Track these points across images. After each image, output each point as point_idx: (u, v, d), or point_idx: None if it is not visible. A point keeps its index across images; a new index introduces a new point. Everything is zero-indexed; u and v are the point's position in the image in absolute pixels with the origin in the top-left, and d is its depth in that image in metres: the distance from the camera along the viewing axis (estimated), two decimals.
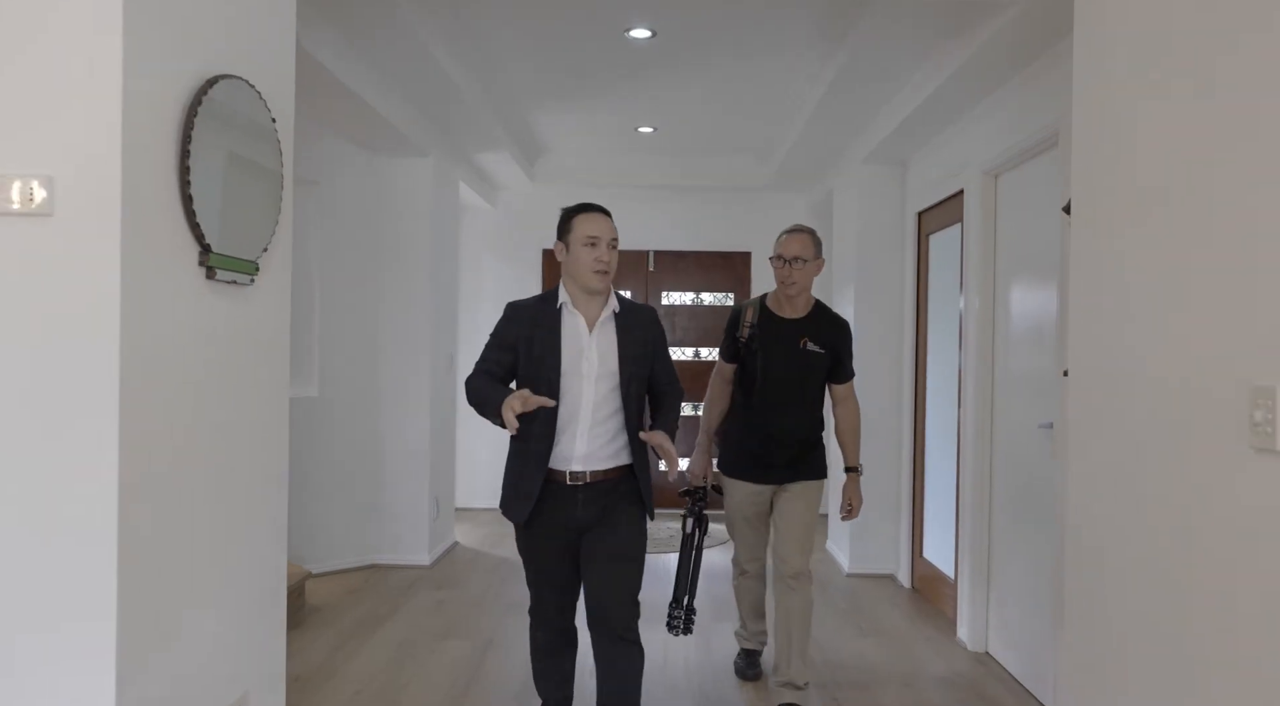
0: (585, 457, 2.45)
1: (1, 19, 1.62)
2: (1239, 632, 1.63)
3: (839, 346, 3.17)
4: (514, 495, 2.48)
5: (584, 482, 2.45)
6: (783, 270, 3.09)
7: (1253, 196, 1.63)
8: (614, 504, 2.49)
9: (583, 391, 2.44)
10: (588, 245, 2.45)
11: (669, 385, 2.62)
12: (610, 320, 2.52)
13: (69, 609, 1.62)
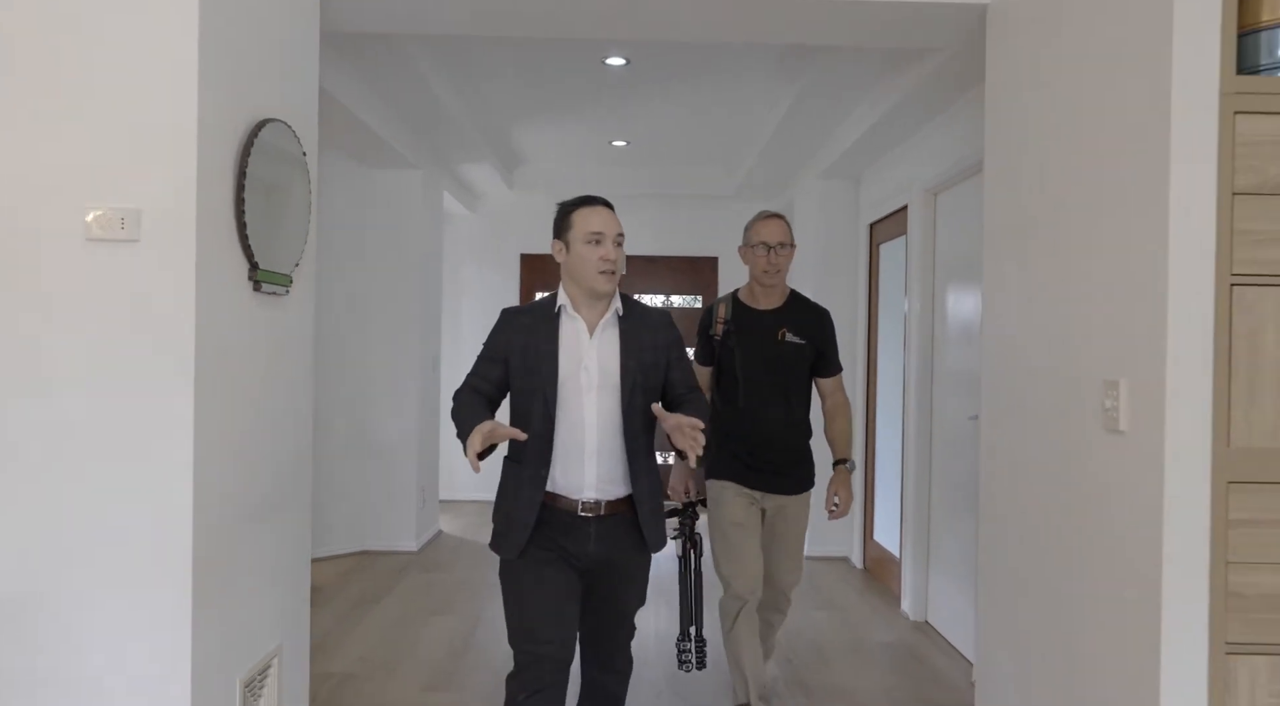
0: (598, 484, 2.10)
1: (101, 81, 1.96)
2: (1097, 573, 2.07)
3: (821, 337, 2.94)
4: (507, 525, 2.13)
5: (598, 514, 2.10)
6: (766, 258, 2.86)
7: (1099, 231, 2.07)
8: (628, 547, 2.16)
9: (584, 406, 2.09)
10: (591, 242, 2.11)
11: (689, 391, 2.24)
12: (613, 324, 2.16)
13: (155, 571, 1.97)
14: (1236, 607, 1.80)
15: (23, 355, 1.96)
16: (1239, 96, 1.79)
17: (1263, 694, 1.80)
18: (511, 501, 2.14)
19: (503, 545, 2.15)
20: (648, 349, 2.17)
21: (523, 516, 2.10)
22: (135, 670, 1.97)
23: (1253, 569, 1.80)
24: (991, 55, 2.75)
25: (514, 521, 2.11)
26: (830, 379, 3.01)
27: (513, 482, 2.15)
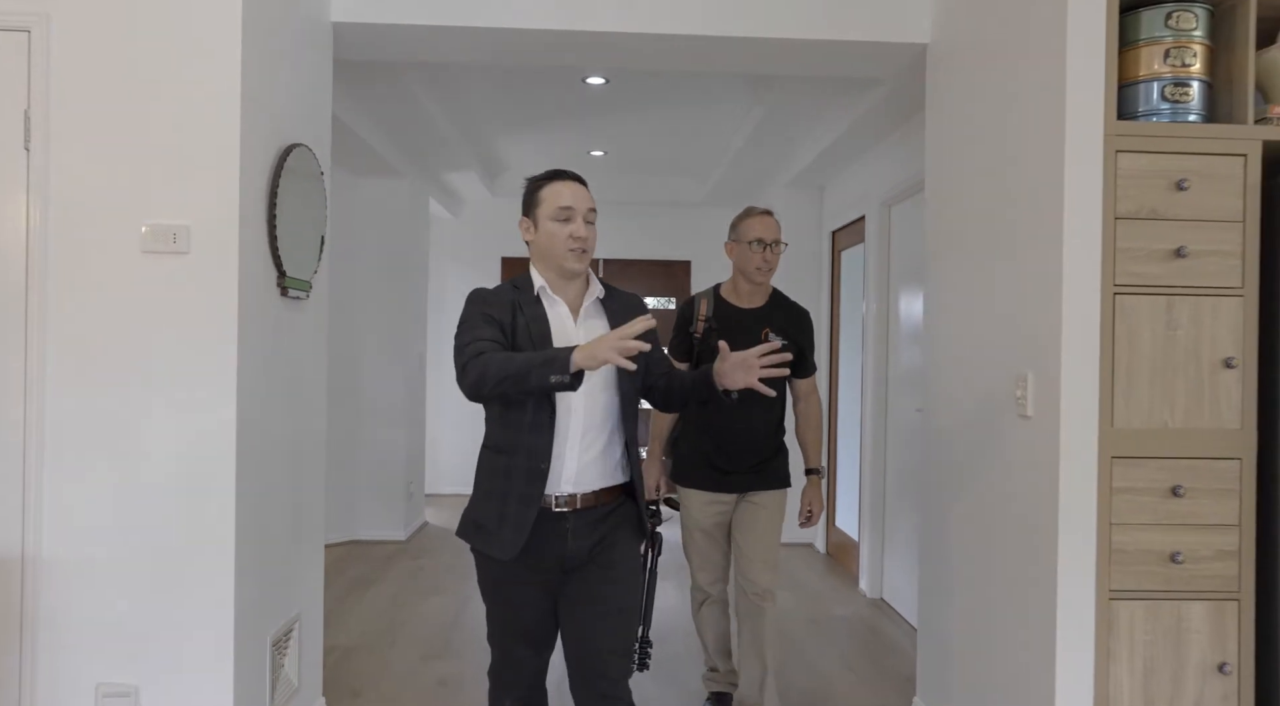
0: (576, 477, 1.97)
1: (155, 112, 2.26)
2: (1010, 536, 2.44)
3: (802, 337, 2.91)
4: (496, 522, 1.95)
5: (574, 509, 1.97)
6: (761, 255, 2.83)
7: (1011, 247, 2.44)
8: (609, 536, 2.02)
9: (570, 395, 1.94)
10: (560, 220, 1.97)
11: (669, 371, 2.16)
12: (596, 307, 2.06)
13: (203, 541, 2.27)
14: (1118, 561, 2.17)
15: (87, 353, 2.25)
16: (1120, 137, 2.16)
17: (1139, 632, 2.17)
18: (500, 499, 1.95)
19: (491, 543, 1.96)
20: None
21: (519, 514, 1.93)
22: (187, 625, 2.27)
23: (1131, 529, 2.17)
24: (930, 88, 3.12)
25: (508, 519, 1.94)
26: (806, 379, 2.99)
27: (499, 478, 1.96)
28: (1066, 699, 2.17)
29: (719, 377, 1.99)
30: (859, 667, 3.63)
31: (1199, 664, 2.16)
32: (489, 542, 1.97)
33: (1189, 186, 2.15)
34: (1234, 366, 2.16)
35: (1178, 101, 2.17)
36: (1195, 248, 2.16)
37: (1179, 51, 2.17)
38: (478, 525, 2.00)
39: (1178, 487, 2.16)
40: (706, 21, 3.05)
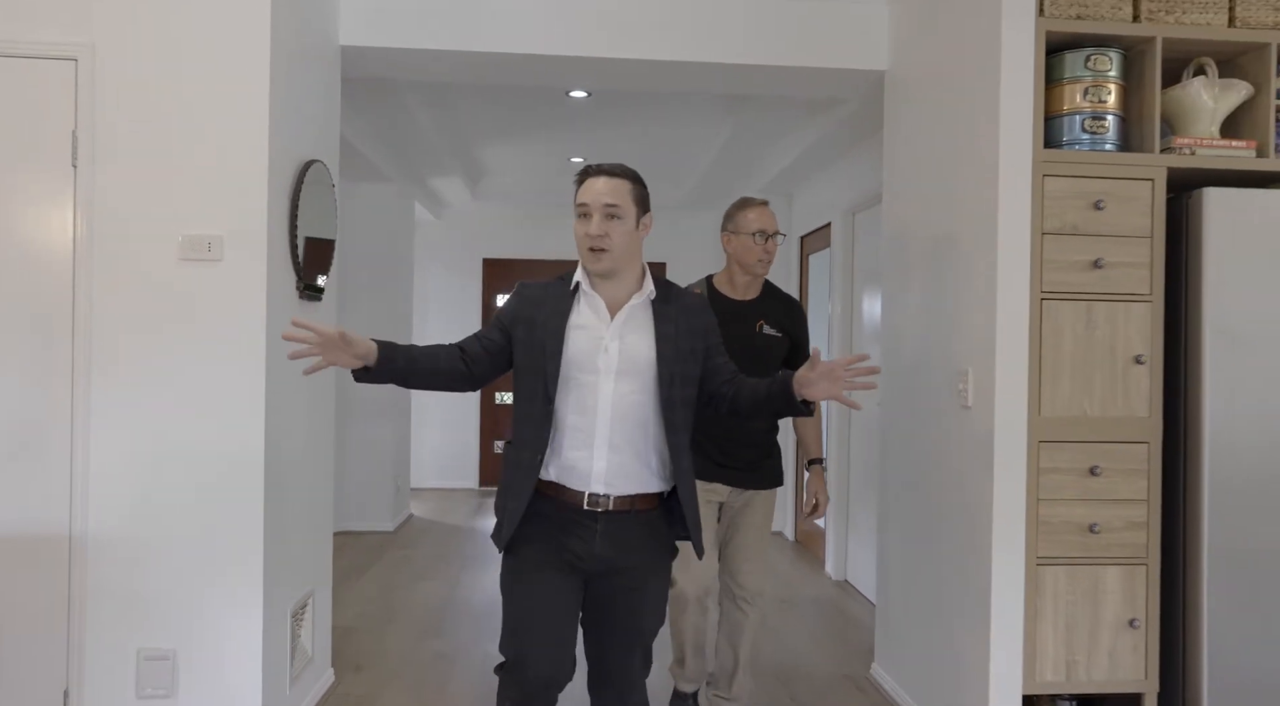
0: (606, 477, 1.91)
1: (191, 133, 2.50)
2: (953, 513, 2.76)
3: (796, 329, 2.86)
4: (501, 515, 1.98)
5: (605, 509, 1.91)
6: (763, 246, 2.76)
7: (954, 257, 2.76)
8: (641, 550, 1.96)
9: (598, 390, 1.90)
10: (581, 216, 1.94)
11: (734, 376, 2.04)
12: (645, 307, 1.98)
13: (235, 518, 2.52)
14: (1044, 532, 2.49)
15: (129, 350, 2.49)
16: (1046, 163, 2.48)
17: (1062, 593, 2.49)
18: (507, 490, 1.97)
19: (496, 536, 1.98)
20: (684, 334, 1.97)
21: (513, 505, 1.93)
22: (220, 596, 2.52)
23: (1055, 504, 2.49)
24: (887, 110, 3.43)
25: (506, 511, 1.95)
26: None
27: (510, 469, 1.98)
28: (1000, 653, 2.49)
29: (801, 387, 1.86)
30: (824, 641, 3.94)
31: (1113, 620, 2.50)
32: (495, 535, 1.99)
33: (1105, 206, 2.48)
34: (1143, 362, 2.50)
35: (1096, 132, 2.50)
36: (1110, 259, 2.49)
37: (1096, 89, 2.49)
38: (499, 519, 2.00)
39: (1095, 467, 2.49)
40: (684, 48, 3.33)
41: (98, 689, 2.48)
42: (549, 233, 7.78)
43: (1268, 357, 2.46)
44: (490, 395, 7.95)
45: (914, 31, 3.13)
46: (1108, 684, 2.50)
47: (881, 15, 3.36)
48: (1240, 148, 2.51)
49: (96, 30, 2.48)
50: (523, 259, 7.95)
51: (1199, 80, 2.52)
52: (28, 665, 2.46)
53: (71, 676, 2.47)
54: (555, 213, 7.57)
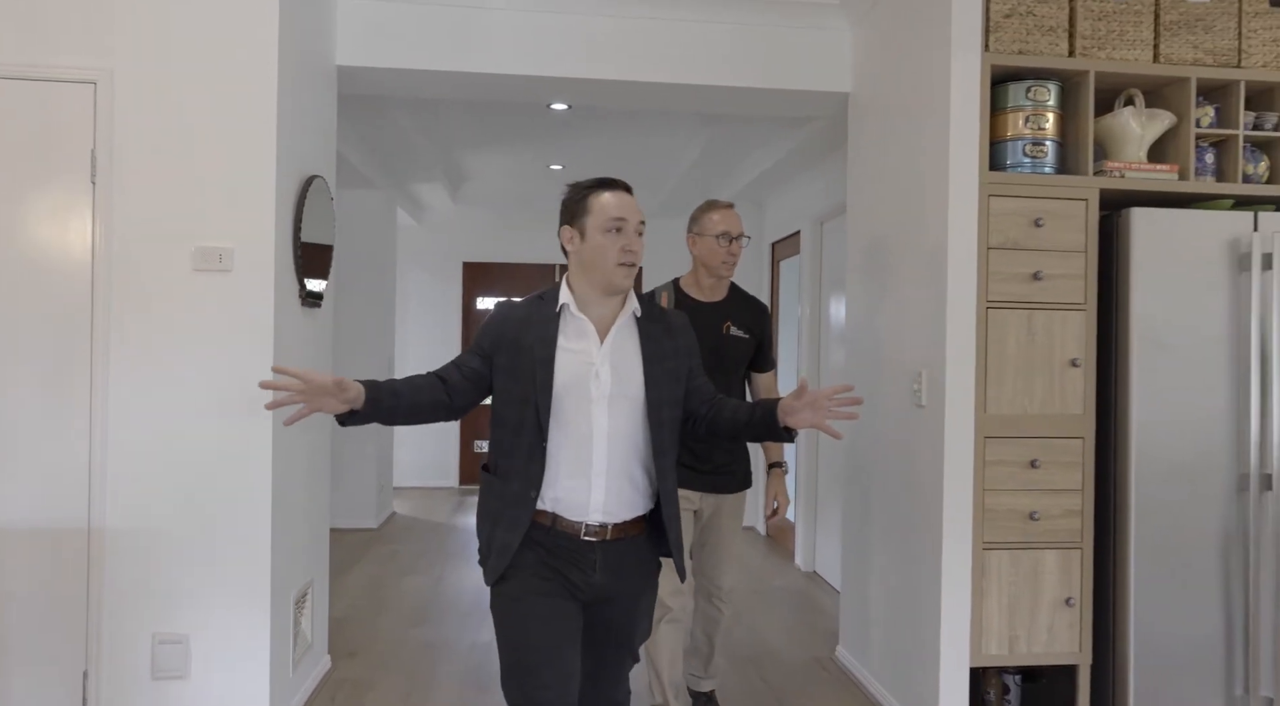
0: (605, 506, 1.85)
1: (203, 151, 2.68)
2: (909, 502, 3.01)
3: (762, 331, 2.90)
4: (488, 548, 1.89)
5: (603, 539, 1.86)
6: (727, 249, 2.79)
7: (910, 267, 3.01)
8: (634, 575, 1.92)
9: (593, 418, 1.83)
10: (612, 230, 1.84)
11: (714, 397, 2.00)
12: (630, 326, 1.92)
13: (245, 511, 2.70)
14: (989, 519, 2.74)
15: (145, 354, 2.66)
16: (991, 184, 2.73)
17: (1005, 574, 2.74)
18: (493, 522, 1.88)
19: (485, 569, 1.89)
20: (670, 355, 1.92)
21: (505, 539, 1.84)
22: (230, 584, 2.69)
23: (999, 494, 2.74)
24: (851, 129, 3.68)
25: (495, 544, 1.86)
26: (767, 374, 2.98)
27: (495, 501, 1.89)
28: (950, 630, 2.73)
29: (786, 415, 1.82)
30: (793, 628, 4.18)
31: (1051, 598, 2.75)
32: (488, 569, 1.88)
33: (1044, 224, 2.74)
34: (1078, 365, 2.75)
35: (1036, 157, 2.76)
36: (1049, 272, 2.75)
37: (1036, 117, 2.75)
38: (480, 549, 1.94)
39: (1035, 460, 2.74)
40: (660, 70, 3.55)
41: (115, 670, 2.65)
42: (527, 237, 7.98)
43: (1187, 361, 2.73)
44: None
45: (874, 59, 3.37)
46: (1046, 656, 2.76)
47: (845, 42, 3.60)
48: (1164, 171, 2.78)
49: (114, 56, 2.65)
50: (502, 262, 8.14)
51: (1128, 110, 2.78)
52: (50, 648, 2.63)
53: (90, 659, 2.64)
54: (534, 218, 7.77)
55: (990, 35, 2.72)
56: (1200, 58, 2.79)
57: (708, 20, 3.55)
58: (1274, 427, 2.72)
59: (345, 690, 3.28)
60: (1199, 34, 2.78)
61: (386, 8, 3.42)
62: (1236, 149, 2.82)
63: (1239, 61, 2.82)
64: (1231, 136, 2.83)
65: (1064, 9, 2.74)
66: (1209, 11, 2.78)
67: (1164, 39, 2.79)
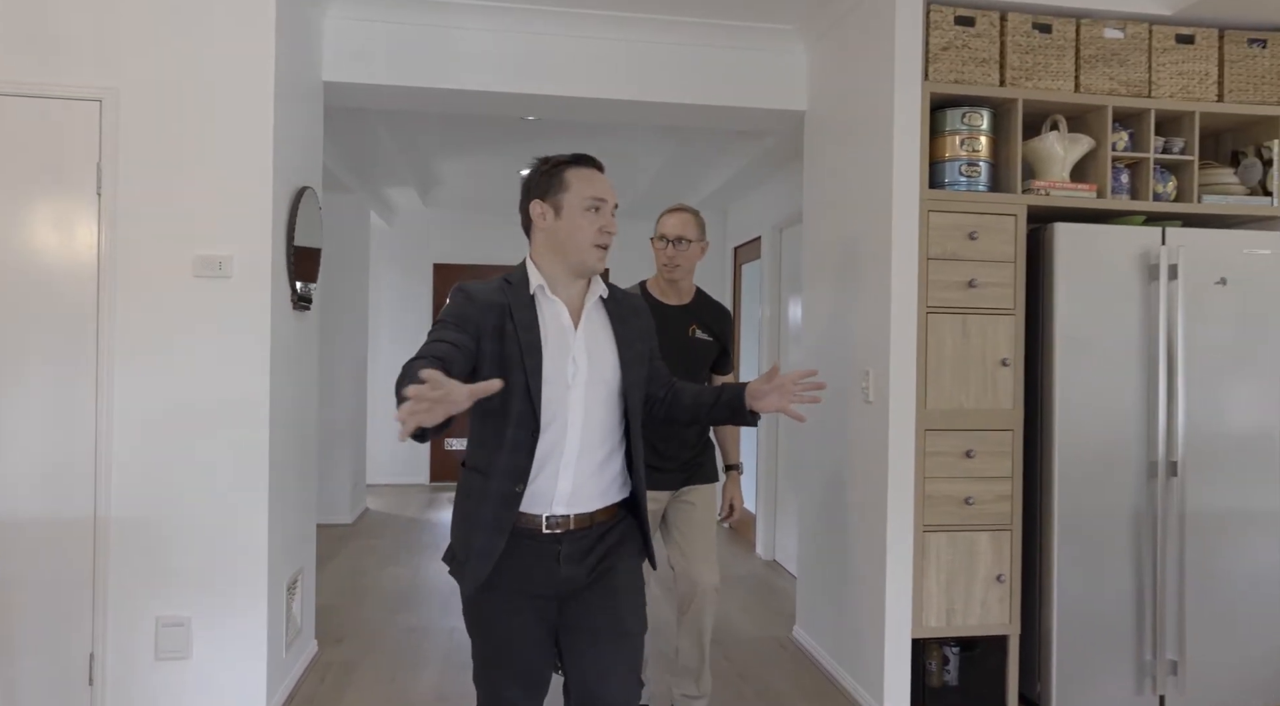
0: (570, 496, 1.77)
1: (205, 164, 2.86)
2: (857, 490, 3.28)
3: (725, 335, 2.96)
4: (465, 551, 1.77)
5: (566, 530, 1.77)
6: (665, 251, 2.83)
7: (858, 274, 3.28)
8: (608, 558, 1.82)
9: (568, 406, 1.75)
10: (591, 210, 1.77)
11: (671, 381, 1.98)
12: (599, 309, 1.84)
13: (244, 504, 2.89)
14: (929, 505, 3.02)
15: (148, 355, 2.84)
16: (931, 201, 3.02)
17: (944, 554, 3.03)
18: (471, 523, 1.76)
19: (461, 575, 1.78)
20: (636, 338, 1.86)
21: (485, 543, 1.73)
22: (229, 570, 2.88)
23: (938, 481, 3.03)
24: (806, 144, 3.95)
25: (474, 548, 1.74)
26: (727, 376, 3.04)
27: (473, 500, 1.77)
28: (894, 605, 3.01)
29: (754, 399, 1.80)
30: (753, 610, 4.45)
31: (984, 575, 3.05)
32: (460, 572, 1.78)
33: (978, 236, 3.03)
34: (1008, 365, 3.05)
35: (970, 176, 3.05)
36: (982, 280, 3.04)
37: (970, 140, 3.04)
38: (453, 552, 1.82)
39: (970, 451, 3.03)
40: (627, 88, 3.79)
41: (120, 651, 2.83)
42: (497, 239, 8.18)
43: (1104, 361, 3.04)
44: None
45: (827, 82, 3.65)
46: (980, 627, 3.05)
47: (801, 65, 3.87)
48: (1084, 190, 3.09)
49: (119, 76, 2.82)
50: (471, 264, 8.32)
51: (1052, 134, 3.08)
52: (57, 632, 2.80)
53: (96, 641, 2.82)
54: (503, 220, 7.99)
55: (930, 65, 3.01)
56: (1115, 88, 3.11)
57: (673, 42, 3.79)
58: (1179, 420, 3.04)
59: (333, 672, 3.48)
60: (1114, 67, 3.10)
61: (370, 28, 3.62)
62: (1148, 170, 3.14)
63: (1150, 92, 3.14)
64: (1143, 159, 3.15)
65: (995, 43, 3.03)
66: (1123, 47, 3.10)
67: (1084, 71, 3.09)
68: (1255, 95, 3.19)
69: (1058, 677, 2.99)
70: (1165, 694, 3.04)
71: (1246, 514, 3.10)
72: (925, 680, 3.12)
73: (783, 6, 3.56)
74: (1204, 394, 3.08)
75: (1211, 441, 3.08)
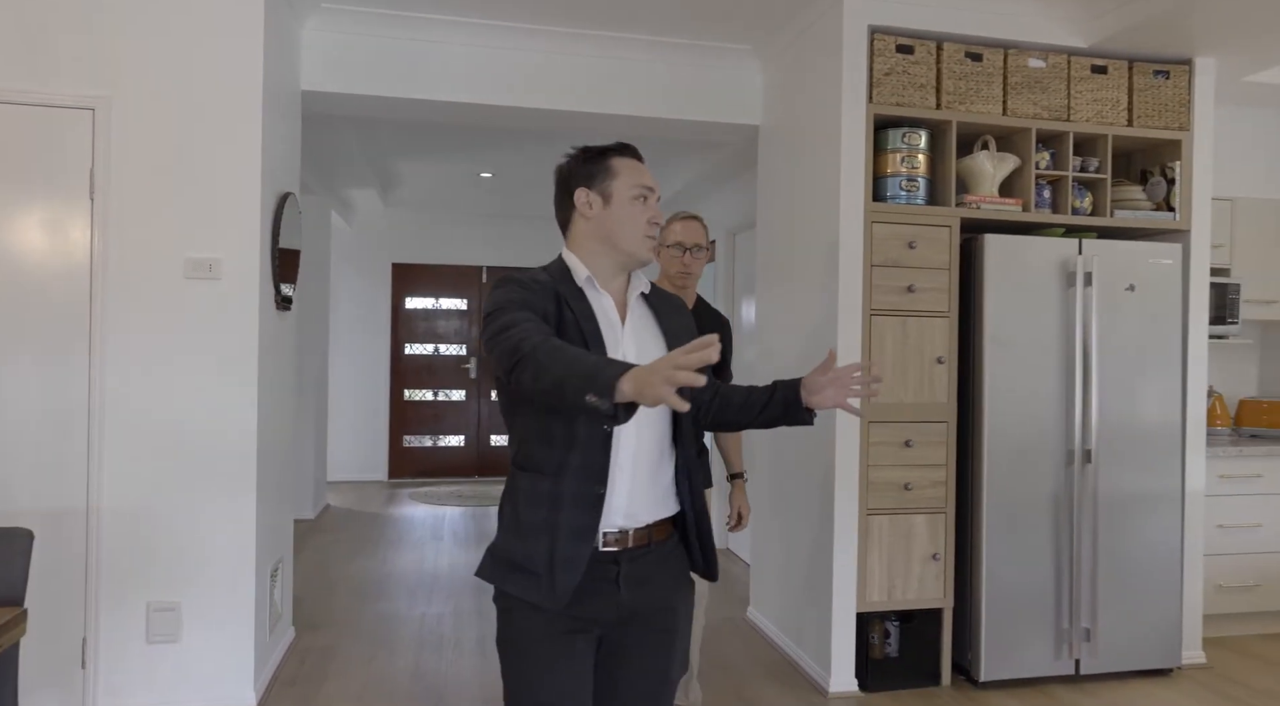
0: (628, 508, 1.60)
1: (197, 172, 3.01)
2: (807, 478, 3.57)
3: (725, 344, 2.93)
4: (545, 563, 1.55)
5: (624, 547, 1.60)
6: (682, 259, 2.81)
7: (807, 279, 3.56)
8: (666, 592, 1.65)
9: None
10: (639, 198, 1.65)
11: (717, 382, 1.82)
12: (641, 304, 1.73)
13: (232, 494, 3.04)
14: (872, 490, 3.31)
15: (140, 354, 2.97)
16: (874, 213, 3.30)
17: (885, 535, 3.32)
18: (548, 533, 1.55)
19: (536, 588, 1.55)
20: (682, 334, 1.74)
21: (571, 550, 1.54)
22: (218, 557, 3.03)
23: (880, 469, 3.32)
24: (760, 155, 4.22)
25: (557, 557, 1.54)
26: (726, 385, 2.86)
27: (544, 507, 1.56)
28: (841, 582, 3.29)
29: (812, 393, 1.66)
30: (710, 594, 4.70)
31: (921, 554, 3.34)
32: (532, 587, 1.55)
33: (917, 246, 3.32)
34: (943, 362, 3.35)
35: (910, 191, 3.34)
36: (920, 285, 3.33)
37: (910, 158, 3.33)
38: (515, 566, 1.58)
39: (909, 441, 3.33)
40: (589, 101, 4.01)
41: (112, 636, 2.96)
42: (456, 239, 8.32)
43: (1027, 358, 3.36)
44: (399, 391, 8.41)
45: (780, 99, 3.92)
46: (917, 602, 3.35)
47: (756, 83, 4.14)
48: (1011, 204, 3.41)
49: (111, 85, 2.95)
50: (430, 264, 8.45)
51: (983, 153, 3.39)
52: (52, 618, 2.92)
53: (89, 626, 2.94)
54: (463, 221, 8.15)
55: (874, 89, 3.29)
56: (1039, 113, 3.43)
57: (636, 58, 4.03)
58: (1093, 412, 3.38)
59: (313, 655, 3.64)
60: (1038, 93, 3.42)
61: (345, 40, 3.78)
62: (1067, 187, 3.48)
63: (1069, 116, 3.47)
64: (1063, 177, 3.48)
65: (932, 70, 3.33)
66: (1045, 76, 3.42)
67: (1011, 96, 3.41)
68: (1160, 121, 3.55)
69: (986, 646, 3.31)
70: (1080, 657, 3.38)
71: (1150, 495, 3.46)
72: (868, 651, 3.40)
73: (740, 29, 3.82)
74: (1114, 389, 3.42)
75: (1120, 431, 3.43)
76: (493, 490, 7.91)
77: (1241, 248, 4.28)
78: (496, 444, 8.67)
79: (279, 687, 3.29)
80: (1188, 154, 3.58)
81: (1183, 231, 3.62)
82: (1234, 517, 3.92)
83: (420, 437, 8.51)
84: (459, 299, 8.55)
